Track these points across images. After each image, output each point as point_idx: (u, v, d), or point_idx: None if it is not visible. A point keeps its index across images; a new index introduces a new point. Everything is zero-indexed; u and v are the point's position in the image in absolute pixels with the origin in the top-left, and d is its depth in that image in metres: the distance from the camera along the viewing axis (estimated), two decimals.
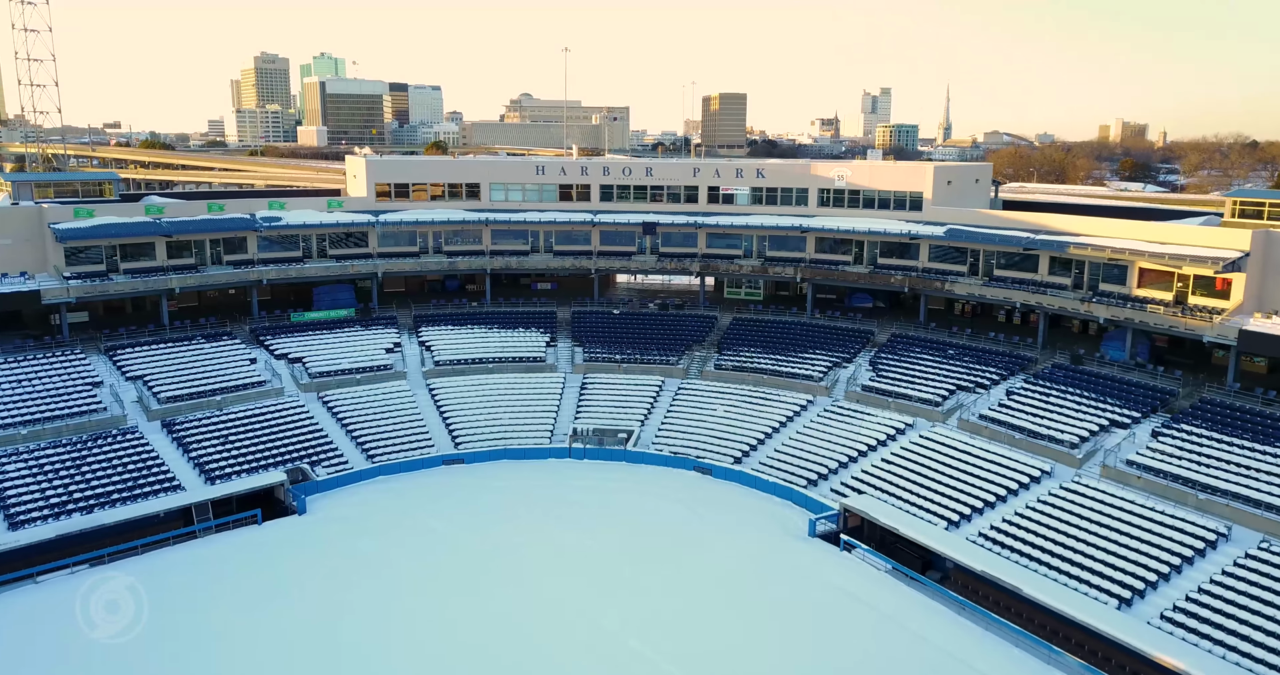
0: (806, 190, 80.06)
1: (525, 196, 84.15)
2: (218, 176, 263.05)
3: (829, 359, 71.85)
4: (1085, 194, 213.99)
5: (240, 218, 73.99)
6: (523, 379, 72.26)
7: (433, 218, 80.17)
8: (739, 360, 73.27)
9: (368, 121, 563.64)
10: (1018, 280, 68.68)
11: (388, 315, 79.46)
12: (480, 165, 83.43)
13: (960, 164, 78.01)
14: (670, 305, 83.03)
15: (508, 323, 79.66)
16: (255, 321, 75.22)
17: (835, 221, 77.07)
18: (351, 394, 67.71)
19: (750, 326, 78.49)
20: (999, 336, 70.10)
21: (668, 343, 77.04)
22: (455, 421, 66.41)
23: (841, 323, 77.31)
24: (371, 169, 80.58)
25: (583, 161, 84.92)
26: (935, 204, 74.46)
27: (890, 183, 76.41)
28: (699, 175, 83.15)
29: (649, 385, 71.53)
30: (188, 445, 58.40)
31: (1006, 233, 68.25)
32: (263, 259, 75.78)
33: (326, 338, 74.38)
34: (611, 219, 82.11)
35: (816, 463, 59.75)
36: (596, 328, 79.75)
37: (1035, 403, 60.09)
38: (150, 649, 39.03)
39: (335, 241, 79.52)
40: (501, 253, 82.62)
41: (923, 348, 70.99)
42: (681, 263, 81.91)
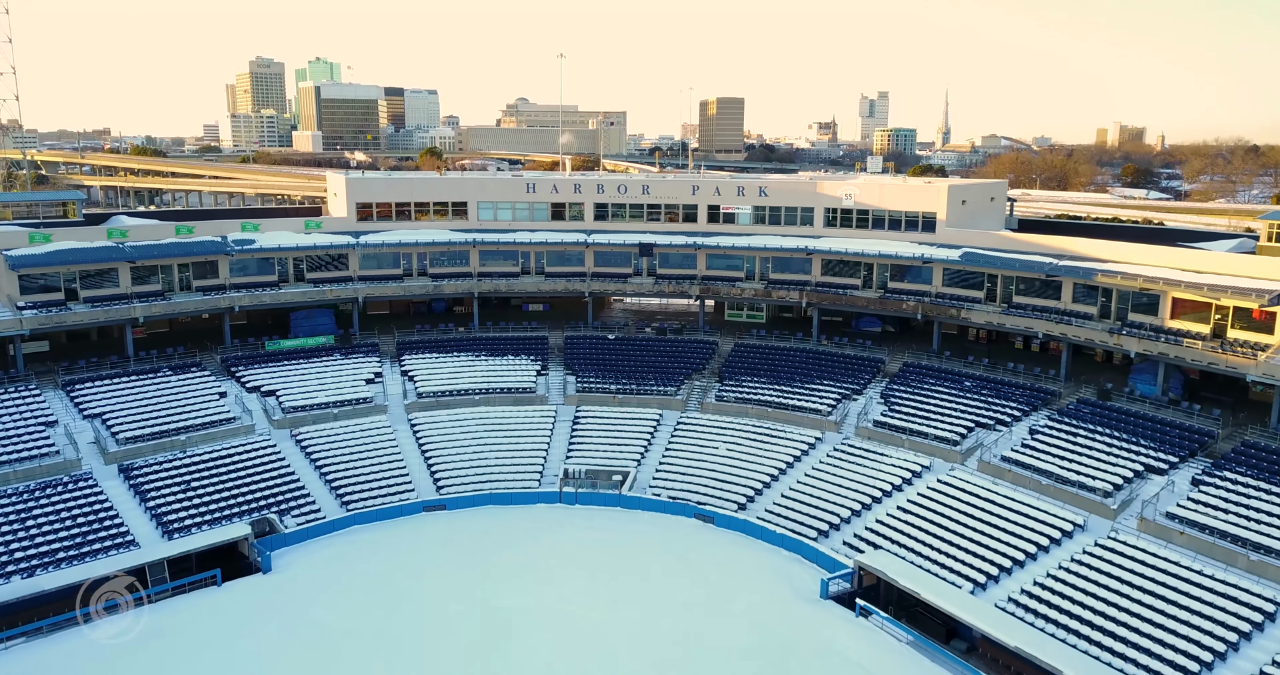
0: (812, 210, 75.70)
1: (515, 216, 79.77)
2: (207, 184, 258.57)
3: (837, 390, 67.47)
4: (1090, 202, 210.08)
5: (210, 241, 69.50)
6: (511, 412, 67.78)
7: (417, 239, 75.73)
8: (741, 391, 68.85)
9: (363, 126, 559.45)
10: (1039, 308, 64.35)
11: (369, 342, 74.97)
12: (468, 183, 79.09)
13: (974, 182, 73.76)
14: (668, 329, 78.62)
15: (496, 349, 75.23)
16: (227, 350, 70.69)
17: (843, 243, 72.71)
18: (327, 431, 63.18)
19: (753, 353, 74.10)
20: (1018, 367, 65.73)
21: (666, 371, 72.64)
22: (438, 462, 61.92)
23: (850, 350, 72.94)
24: (352, 187, 76.17)
25: (576, 179, 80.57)
26: (949, 225, 70.14)
27: (901, 202, 72.07)
28: (698, 193, 78.80)
29: (646, 419, 67.07)
30: (146, 493, 53.87)
31: (1027, 258, 63.95)
32: (236, 284, 71.30)
33: (303, 368, 69.91)
34: (606, 240, 77.75)
35: (827, 511, 55.30)
36: (590, 354, 75.32)
37: (1062, 443, 55.72)
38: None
39: (314, 264, 75.08)
40: (490, 275, 78.19)
41: (937, 379, 66.64)
42: (680, 286, 77.53)
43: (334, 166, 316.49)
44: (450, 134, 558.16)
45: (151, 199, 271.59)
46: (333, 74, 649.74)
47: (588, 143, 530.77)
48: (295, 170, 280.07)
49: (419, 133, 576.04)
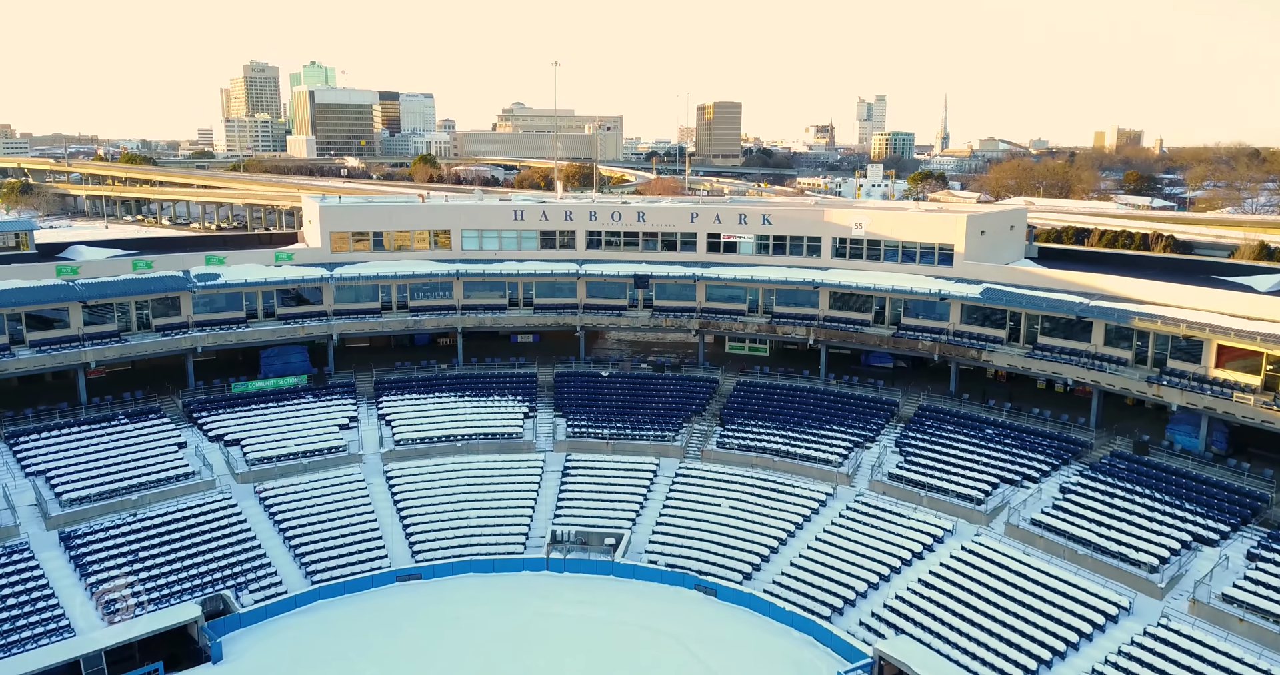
0: (819, 239, 70.69)
1: (502, 244, 74.68)
2: (195, 194, 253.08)
3: (848, 437, 62.49)
4: (1097, 212, 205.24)
5: (170, 277, 64.36)
6: (496, 462, 62.69)
7: (396, 271, 70.63)
8: (745, 437, 63.83)
9: (358, 131, 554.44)
10: (1067, 350, 59.34)
11: (345, 382, 69.85)
12: (451, 210, 73.98)
13: (993, 211, 68.88)
14: (665, 365, 73.58)
15: (482, 388, 70.15)
16: (190, 393, 65.57)
17: (853, 277, 67.68)
18: (295, 487, 58.02)
19: (756, 393, 69.08)
20: (1044, 413, 60.72)
21: (663, 412, 67.60)
22: (415, 522, 56.77)
23: (860, 390, 67.93)
24: (327, 216, 71.05)
25: (567, 205, 75.51)
26: (968, 258, 65.14)
27: (915, 233, 67.05)
28: (697, 221, 73.76)
29: (642, 470, 61.98)
30: (88, 566, 48.71)
31: (1055, 297, 58.97)
32: (200, 321, 66.13)
33: (272, 412, 64.80)
34: (599, 270, 72.70)
35: (841, 583, 50.21)
36: (582, 393, 70.28)
37: (1097, 505, 50.74)
38: None
39: (286, 298, 69.93)
40: (475, 308, 73.08)
41: (955, 425, 61.66)
42: (678, 319, 72.45)
43: (325, 174, 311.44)
44: (446, 139, 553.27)
45: (139, 208, 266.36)
46: (327, 78, 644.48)
47: (584, 148, 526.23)
48: (285, 179, 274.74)
49: (414, 137, 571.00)
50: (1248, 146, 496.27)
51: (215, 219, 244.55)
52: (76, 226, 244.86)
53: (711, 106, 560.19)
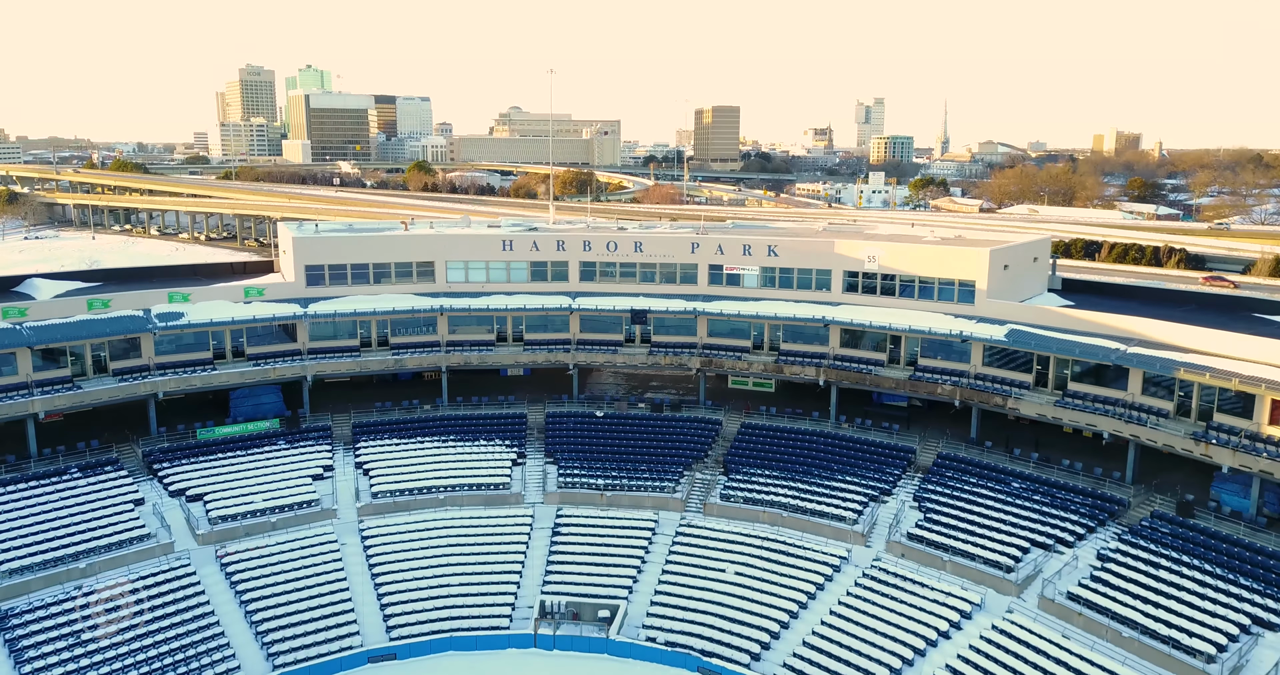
0: (828, 272, 65.92)
1: (490, 276, 69.88)
2: (185, 203, 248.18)
3: (863, 489, 57.79)
4: (1105, 223, 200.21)
5: (129, 318, 59.52)
6: (481, 518, 57.93)
7: (375, 307, 65.82)
8: (751, 488, 59.12)
9: (353, 135, 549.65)
10: (1101, 398, 54.58)
11: (320, 426, 65.06)
12: (436, 240, 69.13)
13: (1018, 242, 64.15)
14: (664, 404, 68.81)
15: (467, 431, 65.41)
16: (152, 440, 60.80)
17: (866, 314, 62.93)
18: (260, 549, 53.20)
19: (762, 436, 64.38)
20: (1075, 465, 56.05)
21: (662, 458, 62.90)
22: (391, 590, 51.94)
23: (874, 434, 63.21)
24: (301, 248, 66.20)
25: (560, 234, 70.72)
26: (991, 295, 60.39)
27: (934, 268, 62.30)
28: (698, 251, 69.00)
29: (639, 527, 57.22)
30: (22, 652, 43.93)
31: (1088, 342, 54.23)
32: (162, 364, 61.28)
33: (240, 461, 60.04)
34: (594, 304, 67.94)
35: (860, 668, 45.39)
36: (575, 437, 65.53)
37: (1141, 577, 46.04)
38: None
39: (256, 335, 65.05)
40: (461, 345, 68.28)
41: (978, 477, 56.97)
42: (678, 356, 67.70)
43: (318, 182, 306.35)
44: (442, 143, 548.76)
45: (128, 217, 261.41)
46: (323, 82, 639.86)
47: (581, 153, 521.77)
48: (276, 188, 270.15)
49: (410, 142, 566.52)
50: (1249, 150, 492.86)
51: (205, 228, 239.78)
52: (63, 236, 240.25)
53: (710, 110, 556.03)
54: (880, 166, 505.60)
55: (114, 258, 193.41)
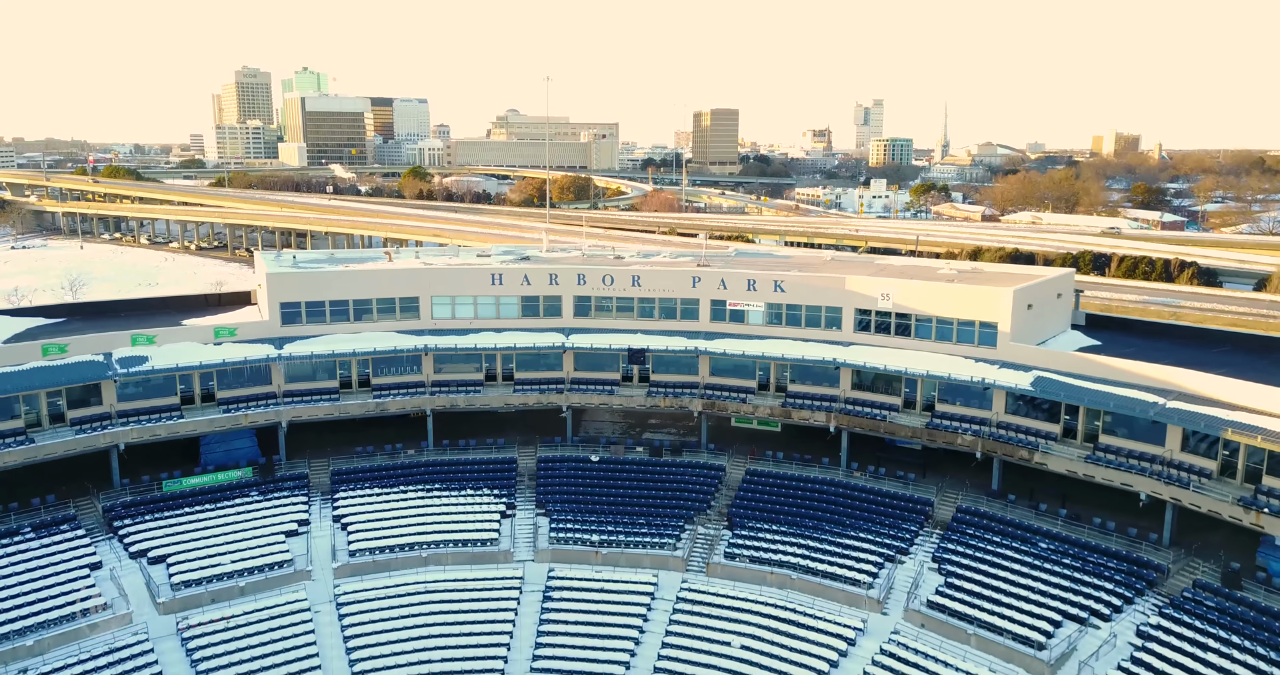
0: (839, 310, 61.78)
1: (478, 312, 65.71)
2: (175, 212, 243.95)
3: (878, 547, 53.74)
4: (1112, 232, 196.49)
5: (87, 364, 55.29)
6: (467, 579, 53.82)
7: (355, 347, 61.68)
8: (757, 546, 55.05)
9: (350, 138, 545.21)
10: (1136, 454, 50.45)
11: (296, 474, 60.95)
12: (420, 275, 64.85)
13: (1041, 279, 60.02)
14: (664, 448, 64.67)
15: (454, 478, 61.37)
16: (114, 494, 56.65)
17: (880, 356, 58.77)
18: (226, 620, 49.00)
19: (768, 485, 60.32)
20: (1107, 524, 51.94)
21: (662, 510, 58.88)
22: (368, 670, 47.72)
23: (888, 484, 59.13)
24: (276, 284, 61.97)
25: (552, 268, 66.55)
26: (1014, 337, 56.25)
27: (952, 307, 58.13)
28: (700, 286, 64.84)
29: (637, 591, 53.07)
30: None
31: (1123, 394, 50.07)
32: (125, 412, 57.08)
33: (209, 516, 55.95)
34: (588, 342, 63.83)
35: None
36: (568, 484, 61.47)
37: (1187, 661, 42.01)
38: None
39: (228, 378, 60.86)
40: (447, 384, 64.16)
41: (1002, 534, 52.90)
42: (678, 398, 63.56)
43: (312, 189, 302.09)
44: (439, 145, 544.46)
45: (117, 225, 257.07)
46: (320, 84, 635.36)
47: (579, 156, 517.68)
48: (269, 196, 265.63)
49: (407, 144, 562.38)
50: (1250, 153, 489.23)
51: (195, 237, 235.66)
52: (51, 245, 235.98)
53: (708, 113, 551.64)
54: (880, 169, 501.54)
55: (100, 269, 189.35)
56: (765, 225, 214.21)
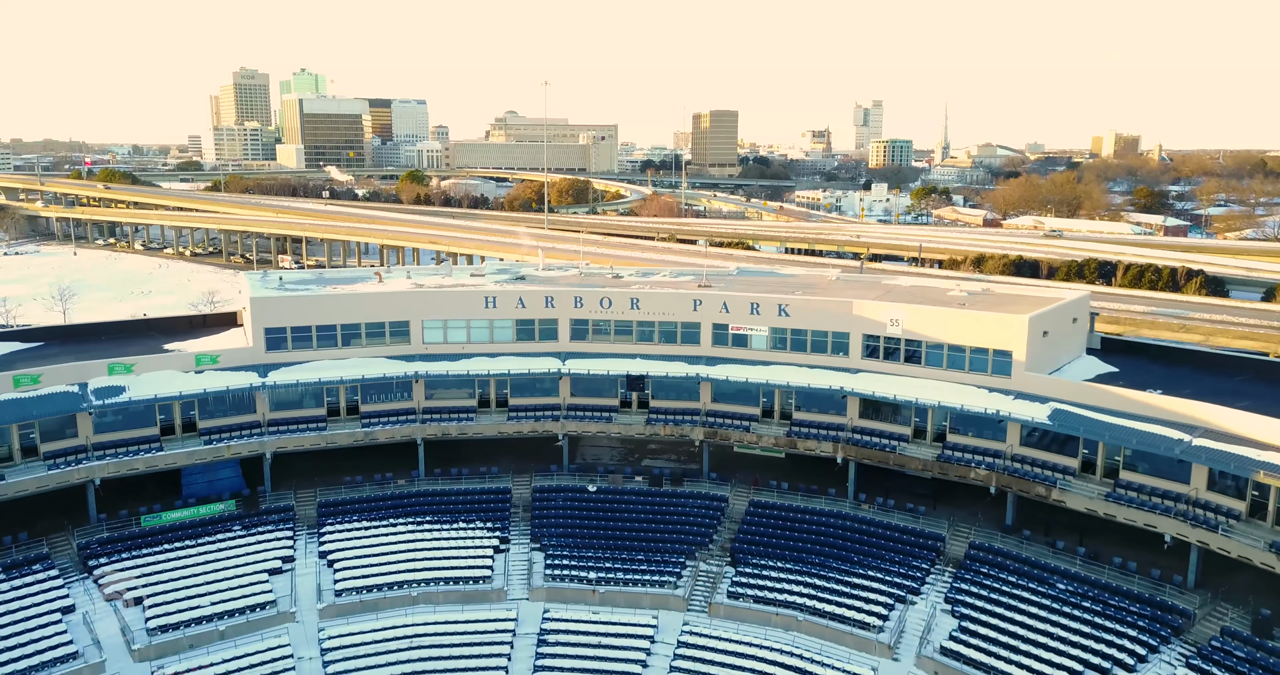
0: (846, 335, 59.37)
1: (471, 336, 63.28)
2: (169, 217, 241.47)
3: (887, 586, 51.41)
4: (1119, 240, 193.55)
5: (61, 395, 52.86)
6: (458, 620, 51.43)
7: (342, 375, 59.28)
8: (762, 584, 52.73)
9: (348, 139, 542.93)
10: (1160, 492, 48.11)
11: (282, 506, 58.57)
12: (410, 298, 62.37)
13: (1057, 304, 57.63)
14: (664, 477, 62.29)
15: (445, 509, 59.06)
16: (91, 530, 54.24)
17: (890, 386, 56.37)
18: (203, 670, 46.62)
19: (773, 518, 58.01)
20: (1128, 564, 49.56)
21: (662, 544, 56.58)
22: None
23: (897, 517, 56.78)
24: (260, 309, 59.52)
25: (548, 289, 64.17)
26: (1030, 367, 53.85)
27: (964, 335, 55.75)
28: (701, 309, 62.45)
29: (636, 634, 50.66)
30: None
31: (1146, 430, 47.68)
32: (101, 444, 54.70)
33: (188, 554, 53.59)
34: (585, 368, 61.48)
35: None
36: (564, 516, 59.15)
37: None
38: None
39: (209, 407, 58.43)
40: (438, 412, 61.80)
41: (1018, 574, 50.55)
42: (679, 426, 61.20)
43: (308, 194, 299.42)
44: (438, 147, 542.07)
45: (112, 231, 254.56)
46: (318, 86, 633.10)
47: (577, 158, 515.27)
48: (265, 201, 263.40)
49: (405, 146, 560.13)
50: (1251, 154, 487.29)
51: (190, 243, 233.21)
52: (45, 251, 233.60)
53: (707, 115, 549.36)
54: (880, 171, 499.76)
55: (93, 277, 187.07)
56: (766, 231, 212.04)
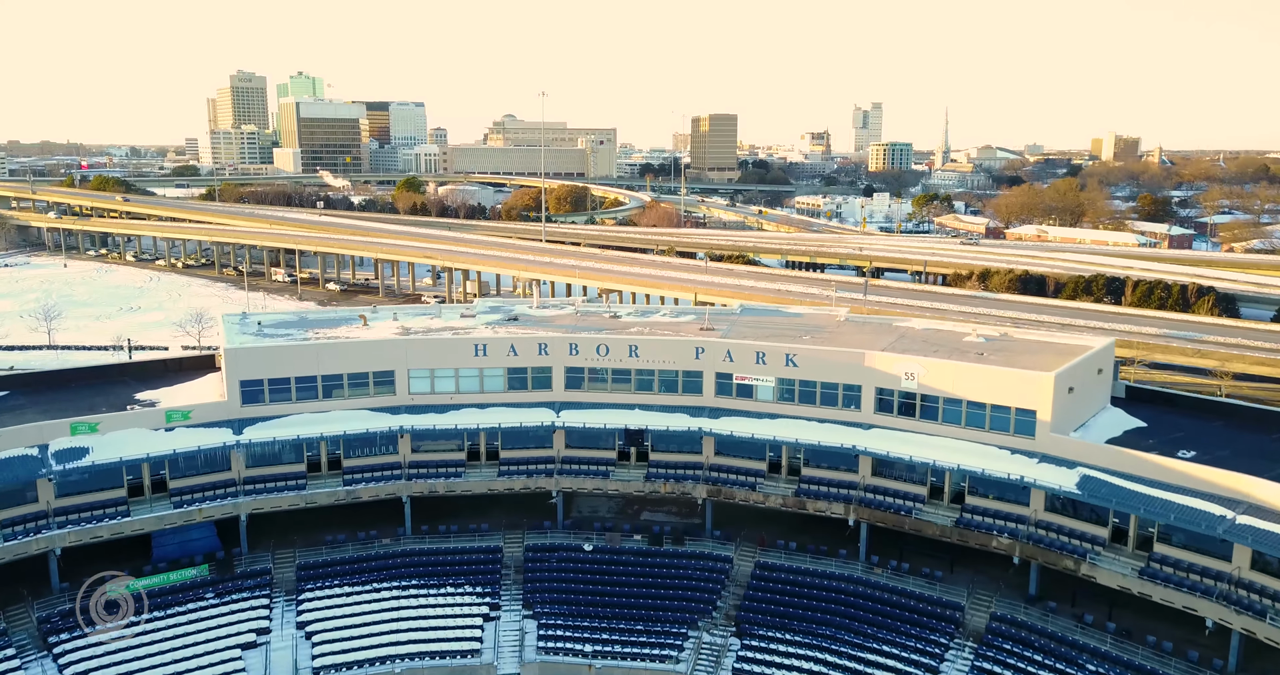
0: (858, 388, 55.90)
1: (460, 385, 59.80)
2: (161, 229, 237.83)
3: (904, 664, 48.13)
4: (1126, 254, 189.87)
5: (19, 460, 49.39)
6: None
7: (323, 431, 55.79)
8: (769, 660, 49.60)
9: (345, 143, 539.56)
10: (1198, 568, 44.70)
11: (259, 569, 55.21)
12: (396, 346, 58.81)
13: (1082, 356, 54.18)
14: (664, 534, 58.92)
15: (433, 572, 55.74)
16: (52, 600, 50.80)
17: (905, 446, 52.93)
18: None
19: (780, 581, 54.73)
20: (1163, 644, 46.13)
21: (662, 611, 53.32)
22: None
23: (912, 582, 53.41)
24: (235, 361, 56.00)
25: (540, 335, 60.74)
26: (1055, 428, 50.39)
27: (984, 392, 52.24)
28: (703, 357, 58.99)
29: None
30: None
31: (1186, 503, 44.29)
32: (64, 508, 51.23)
33: (155, 628, 50.14)
34: (581, 421, 58.09)
35: None
36: (559, 579, 55.88)
37: None
38: None
39: (181, 466, 54.93)
40: (425, 466, 58.41)
41: (1044, 652, 47.22)
42: (681, 483, 57.80)
43: (303, 204, 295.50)
44: (435, 150, 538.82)
45: (104, 241, 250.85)
46: (315, 89, 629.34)
47: (576, 162, 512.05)
48: (258, 211, 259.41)
49: (403, 149, 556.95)
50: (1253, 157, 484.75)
51: (182, 254, 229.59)
52: (35, 263, 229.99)
53: (706, 118, 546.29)
54: (880, 175, 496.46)
55: (81, 291, 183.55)
56: (767, 243, 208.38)
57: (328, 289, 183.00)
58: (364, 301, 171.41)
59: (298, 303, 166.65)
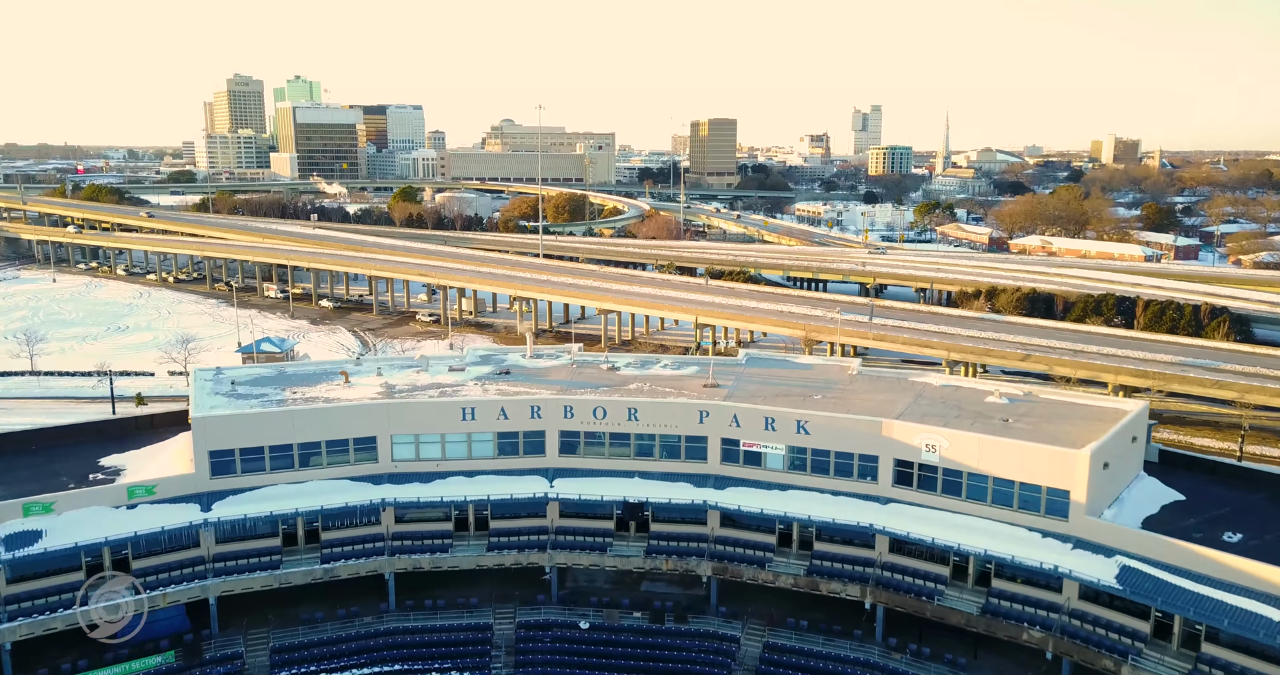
0: (875, 459, 51.95)
1: (446, 451, 55.81)
2: (152, 242, 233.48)
3: None
4: (1134, 270, 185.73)
5: None
6: None
7: (298, 506, 51.88)
8: None
9: (341, 148, 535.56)
10: (1252, 672, 40.77)
11: (229, 654, 51.20)
12: (377, 411, 54.82)
13: (1116, 426, 50.29)
14: (666, 610, 54.93)
15: (417, 656, 51.90)
16: None
17: (926, 525, 49.02)
18: None
19: (790, 666, 50.78)
20: None
21: None
22: None
23: (932, 670, 49.44)
24: (204, 430, 51.93)
25: (533, 396, 56.76)
26: (1090, 510, 46.42)
27: (1012, 469, 48.27)
28: (708, 422, 55.01)
29: None
30: None
31: (1236, 603, 40.40)
32: (15, 595, 47.27)
33: None
34: (575, 492, 54.20)
35: None
36: (553, 663, 51.87)
37: None
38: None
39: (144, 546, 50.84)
40: (409, 539, 54.46)
41: None
42: (684, 560, 53.85)
43: (299, 213, 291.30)
44: (433, 155, 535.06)
45: (95, 254, 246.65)
46: (312, 93, 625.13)
47: (574, 168, 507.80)
48: (251, 223, 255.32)
49: (401, 154, 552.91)
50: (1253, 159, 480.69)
51: (173, 268, 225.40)
52: (24, 277, 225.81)
53: (705, 123, 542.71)
54: (880, 179, 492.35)
55: (69, 309, 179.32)
56: (769, 259, 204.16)
57: (321, 306, 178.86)
58: (357, 319, 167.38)
59: (290, 320, 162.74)
